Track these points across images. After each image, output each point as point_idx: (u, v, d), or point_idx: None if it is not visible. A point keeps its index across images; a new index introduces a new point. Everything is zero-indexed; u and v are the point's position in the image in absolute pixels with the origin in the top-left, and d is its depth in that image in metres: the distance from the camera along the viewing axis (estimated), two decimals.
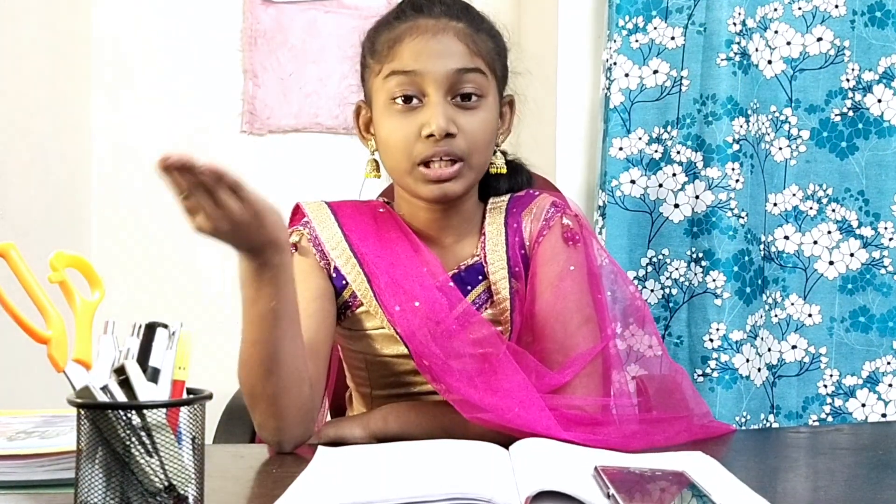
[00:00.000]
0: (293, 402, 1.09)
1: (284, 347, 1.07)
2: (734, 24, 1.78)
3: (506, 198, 1.30)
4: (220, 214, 0.97)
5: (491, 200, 1.30)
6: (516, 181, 1.33)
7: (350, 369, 1.33)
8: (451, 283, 1.21)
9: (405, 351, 1.19)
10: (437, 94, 1.17)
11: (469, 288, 1.24)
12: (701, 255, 1.78)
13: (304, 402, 1.11)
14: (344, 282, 1.23)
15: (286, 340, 1.07)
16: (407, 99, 1.18)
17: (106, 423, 0.73)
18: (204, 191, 0.95)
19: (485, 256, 1.25)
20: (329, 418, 1.38)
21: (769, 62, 1.84)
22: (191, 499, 0.76)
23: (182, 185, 0.96)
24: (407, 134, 1.18)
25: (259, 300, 1.05)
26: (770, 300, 1.84)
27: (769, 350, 1.84)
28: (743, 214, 1.78)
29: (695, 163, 1.80)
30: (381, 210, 1.29)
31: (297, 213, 1.30)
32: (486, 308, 1.24)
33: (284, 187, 2.29)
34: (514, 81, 1.32)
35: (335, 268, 1.24)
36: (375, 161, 1.26)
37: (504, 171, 1.28)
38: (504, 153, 1.30)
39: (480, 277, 1.25)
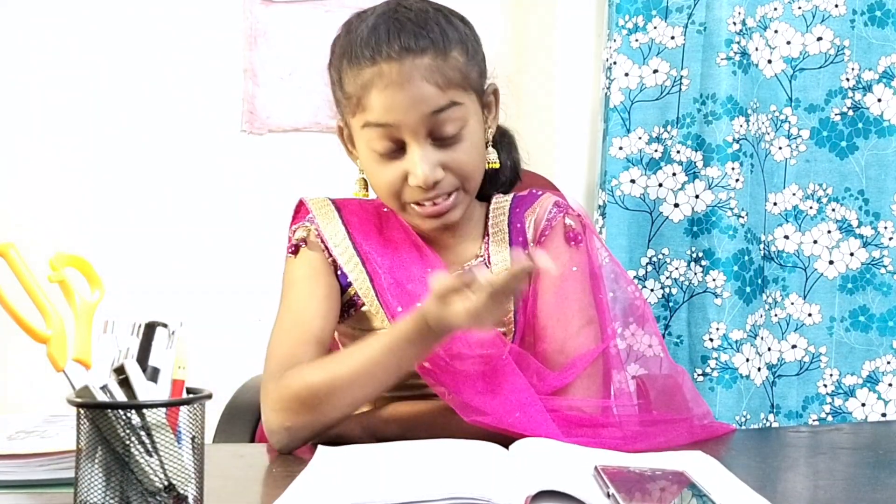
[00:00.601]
0: (337, 424, 1.14)
1: (381, 392, 1.15)
2: (734, 23, 1.78)
3: (509, 197, 1.30)
4: (499, 315, 1.12)
5: (494, 200, 1.30)
6: (506, 176, 1.32)
7: None
8: None
9: None
10: (415, 141, 1.15)
11: None
12: (701, 254, 1.78)
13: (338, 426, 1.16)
14: (348, 280, 1.23)
15: (388, 388, 1.15)
16: (386, 148, 1.17)
17: (105, 422, 0.73)
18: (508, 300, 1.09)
19: (488, 257, 1.25)
20: None
21: (769, 62, 1.84)
22: (190, 498, 0.76)
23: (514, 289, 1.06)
24: (392, 181, 1.18)
25: (408, 356, 1.10)
26: (770, 300, 1.84)
27: (769, 349, 1.84)
28: (743, 214, 1.78)
29: (695, 162, 1.80)
30: (385, 209, 1.28)
31: (301, 209, 1.30)
32: None
33: (284, 187, 2.29)
34: (515, 80, 1.31)
35: (339, 266, 1.24)
36: (364, 180, 1.26)
37: (497, 165, 1.26)
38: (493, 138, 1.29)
39: None
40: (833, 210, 1.85)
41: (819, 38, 1.83)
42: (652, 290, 1.84)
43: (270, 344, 1.20)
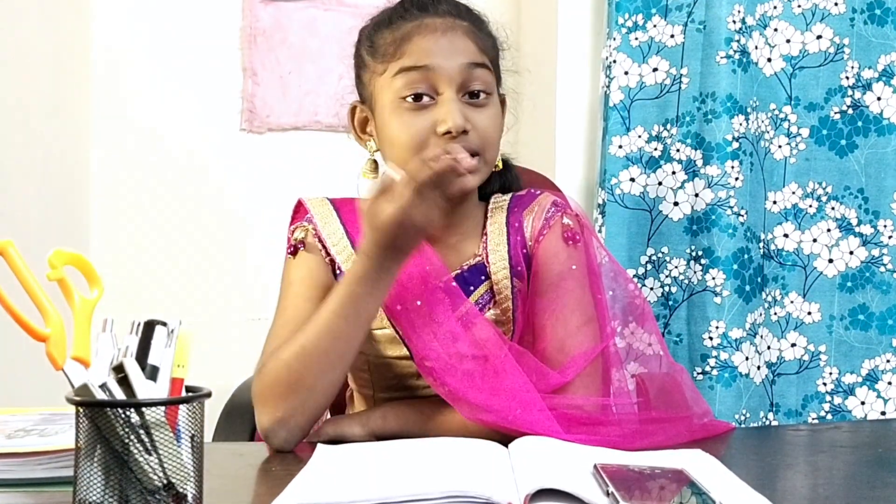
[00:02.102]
0: (329, 399, 1.14)
1: (354, 349, 1.13)
2: (734, 21, 1.78)
3: (507, 197, 1.30)
4: (433, 215, 1.07)
5: (493, 199, 1.30)
6: (506, 178, 1.32)
7: (353, 371, 1.32)
8: (454, 283, 1.21)
9: (408, 353, 1.19)
10: (449, 90, 1.17)
11: (472, 288, 1.23)
12: (700, 253, 1.78)
13: (329, 403, 1.15)
14: None
15: (358, 343, 1.13)
16: (417, 97, 1.18)
17: (105, 420, 0.73)
18: (434, 190, 1.06)
19: (487, 256, 1.25)
20: (329, 416, 1.37)
21: (769, 60, 1.84)
22: (189, 497, 0.76)
23: (437, 181, 1.05)
24: (418, 131, 1.18)
25: (365, 301, 1.10)
26: (769, 298, 1.84)
27: (769, 348, 1.84)
28: (742, 212, 1.78)
29: (694, 161, 1.80)
30: None
31: (300, 209, 1.29)
32: (489, 308, 1.23)
33: (284, 185, 2.29)
34: (514, 79, 1.32)
35: (338, 265, 1.24)
36: (374, 161, 1.26)
37: (501, 166, 1.28)
38: None
39: (483, 277, 1.24)
40: (833, 208, 1.85)
41: (819, 37, 1.83)
42: (651, 289, 1.84)
43: (264, 345, 1.20)
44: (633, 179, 1.84)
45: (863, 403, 1.85)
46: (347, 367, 1.15)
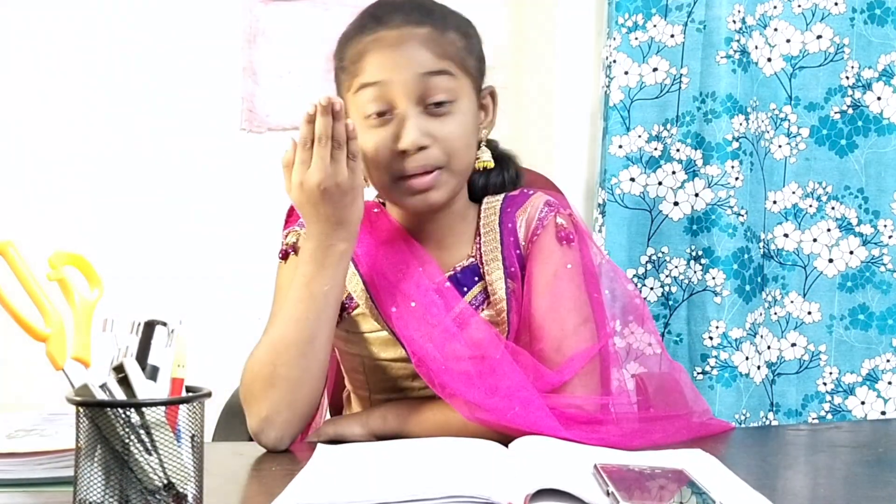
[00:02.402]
0: (310, 393, 1.13)
1: (323, 333, 1.13)
2: (734, 21, 1.78)
3: (500, 197, 1.30)
4: (332, 171, 1.08)
5: (485, 200, 1.29)
6: (505, 175, 1.32)
7: (348, 373, 1.32)
8: (448, 284, 1.21)
9: (403, 354, 1.18)
10: (406, 104, 1.16)
11: (465, 289, 1.23)
12: (700, 252, 1.78)
13: (316, 399, 1.15)
14: None
15: (326, 327, 1.13)
16: (379, 113, 1.17)
17: (105, 421, 0.73)
18: (326, 145, 1.08)
19: (480, 257, 1.24)
20: (328, 417, 1.37)
21: (769, 60, 1.84)
22: (190, 497, 0.76)
23: (320, 129, 1.07)
24: (379, 148, 1.17)
25: (316, 281, 1.11)
26: (770, 298, 1.84)
27: (769, 348, 1.84)
28: (742, 212, 1.78)
29: (694, 160, 1.80)
30: (376, 210, 1.28)
31: (293, 213, 1.30)
32: (483, 309, 1.23)
33: (283, 186, 2.28)
34: (515, 79, 1.31)
35: None
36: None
37: (491, 164, 1.26)
38: (495, 145, 1.30)
39: (476, 278, 1.24)
40: (833, 208, 1.85)
41: (819, 37, 1.83)
42: (651, 289, 1.84)
43: None
44: (633, 179, 1.84)
45: (863, 403, 1.85)
46: (321, 355, 1.13)
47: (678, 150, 1.81)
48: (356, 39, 1.20)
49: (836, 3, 1.82)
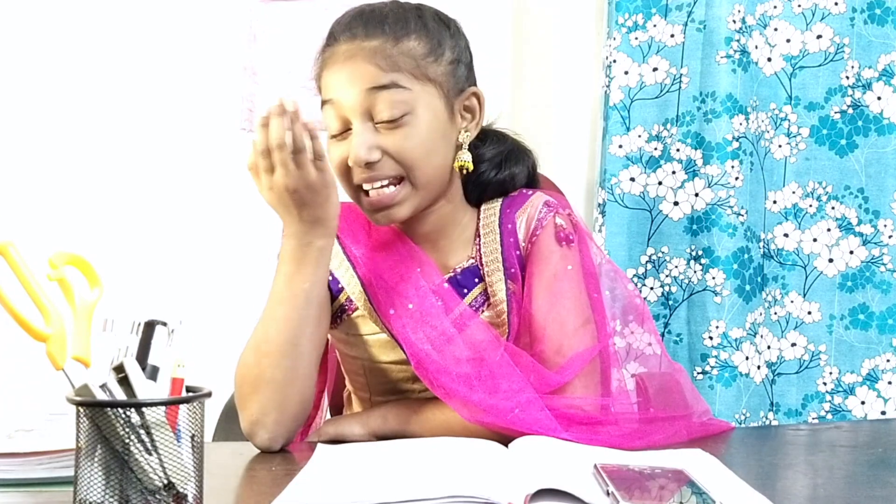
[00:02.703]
0: (299, 393, 1.12)
1: (306, 332, 1.11)
2: (734, 21, 1.78)
3: (500, 200, 1.30)
4: (298, 175, 1.06)
5: (485, 204, 1.29)
6: (527, 162, 1.31)
7: (349, 374, 1.32)
8: (447, 286, 1.21)
9: (403, 357, 1.18)
10: (355, 120, 1.16)
11: (465, 291, 1.23)
12: (700, 252, 1.78)
13: (307, 398, 1.14)
14: (339, 285, 1.23)
15: (310, 325, 1.12)
16: (340, 129, 1.18)
17: (105, 420, 0.73)
18: (286, 151, 1.05)
19: (480, 258, 1.24)
20: (329, 417, 1.37)
21: (769, 59, 1.84)
22: (190, 497, 0.76)
23: (276, 136, 1.05)
24: (339, 163, 1.18)
25: (296, 279, 1.10)
26: (770, 298, 1.84)
27: (769, 348, 1.84)
28: (742, 212, 1.78)
29: (694, 160, 1.80)
30: None
31: None
32: (483, 310, 1.23)
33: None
34: (515, 78, 1.31)
35: (330, 271, 1.23)
36: None
37: (470, 166, 1.23)
38: (510, 137, 1.29)
39: (476, 280, 1.24)
40: (833, 208, 1.85)
41: (819, 36, 1.83)
42: (652, 289, 1.84)
43: None
44: (633, 179, 1.84)
45: (863, 403, 1.85)
46: (307, 354, 1.12)
47: (678, 150, 1.81)
48: (319, 56, 1.22)
49: (836, 3, 1.82)
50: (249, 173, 1.11)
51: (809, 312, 1.85)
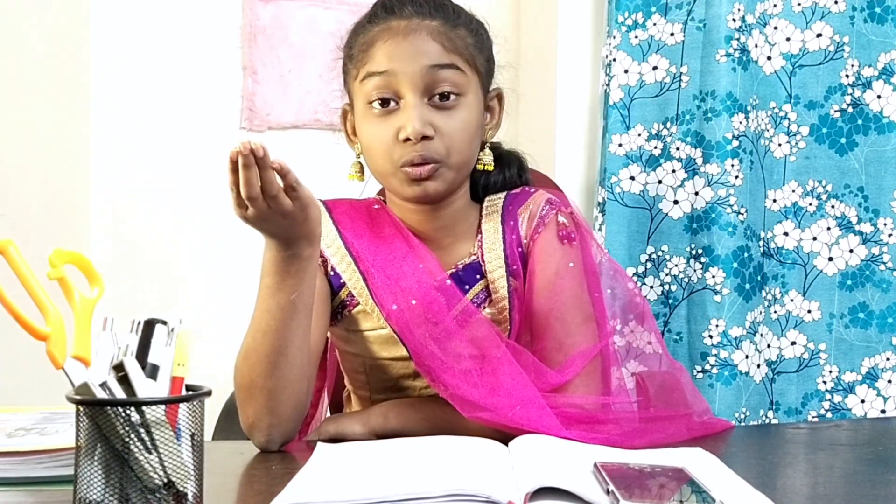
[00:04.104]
0: (291, 398, 1.11)
1: (295, 341, 1.09)
2: (733, 20, 1.78)
3: (502, 195, 1.30)
4: (272, 210, 1.01)
5: (487, 198, 1.30)
6: (506, 173, 1.32)
7: (348, 373, 1.32)
8: (450, 282, 1.21)
9: (404, 354, 1.18)
10: (412, 94, 1.16)
11: (467, 287, 1.23)
12: (700, 251, 1.78)
13: (301, 401, 1.13)
14: (341, 281, 1.23)
15: (298, 334, 1.09)
16: (384, 102, 1.18)
17: (105, 419, 0.73)
18: (260, 199, 1.00)
19: (482, 255, 1.24)
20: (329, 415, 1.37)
21: (768, 58, 1.84)
22: (190, 495, 0.76)
23: (248, 191, 0.99)
24: (385, 138, 1.18)
25: (281, 290, 1.07)
26: (769, 296, 1.84)
27: (768, 346, 1.84)
28: (742, 211, 1.78)
29: (694, 159, 1.80)
30: (377, 207, 1.28)
31: None
32: (485, 307, 1.23)
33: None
34: (513, 78, 1.31)
35: (332, 266, 1.23)
36: (360, 164, 1.26)
37: (491, 167, 1.26)
38: (497, 145, 1.30)
39: (478, 276, 1.24)
40: (832, 207, 1.85)
41: (819, 35, 1.83)
42: (651, 287, 1.84)
43: None
44: (633, 178, 1.84)
45: (862, 402, 1.85)
46: (297, 361, 1.10)
47: (678, 149, 1.81)
48: (366, 28, 1.21)
49: (835, 2, 1.82)
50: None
51: (809, 311, 1.85)
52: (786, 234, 1.85)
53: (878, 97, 1.84)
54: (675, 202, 1.81)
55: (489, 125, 1.27)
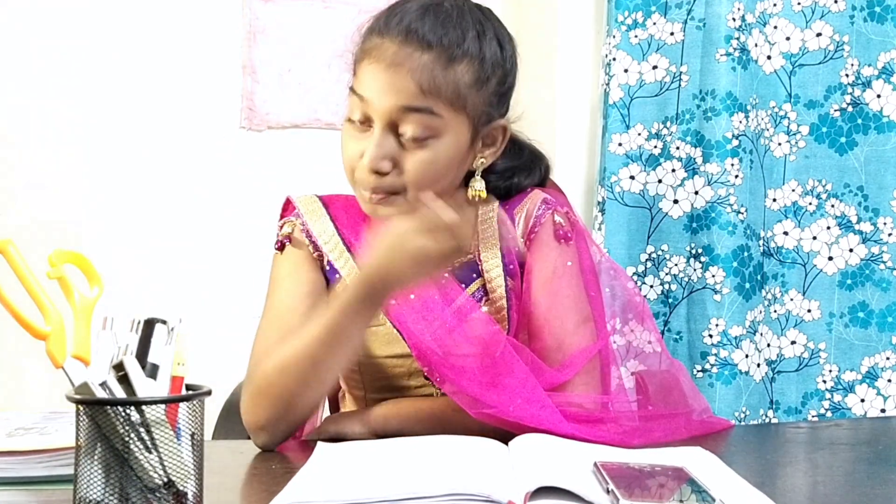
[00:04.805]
0: (311, 410, 1.16)
1: (336, 371, 1.15)
2: (733, 19, 1.78)
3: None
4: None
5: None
6: (539, 175, 1.31)
7: (342, 372, 1.32)
8: (447, 276, 1.20)
9: (400, 352, 1.19)
10: (378, 126, 1.13)
11: (463, 286, 1.23)
12: (700, 250, 1.78)
13: (314, 410, 1.15)
14: (337, 275, 1.23)
15: (341, 366, 1.15)
16: (361, 121, 1.16)
17: (105, 419, 0.73)
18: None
19: (479, 254, 1.24)
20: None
21: (768, 57, 1.84)
22: (190, 495, 0.76)
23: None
24: (353, 154, 1.17)
25: (349, 331, 1.07)
26: (769, 296, 1.84)
27: (768, 346, 1.84)
28: (742, 210, 1.78)
29: (694, 158, 1.80)
30: None
31: (288, 206, 1.30)
32: (482, 306, 1.23)
33: (283, 183, 2.28)
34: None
35: (328, 261, 1.23)
36: None
37: (483, 194, 1.23)
38: (525, 143, 1.30)
39: (475, 275, 1.24)
40: (832, 206, 1.85)
41: (818, 34, 1.83)
42: (651, 287, 1.84)
43: (254, 342, 1.20)
44: (632, 177, 1.84)
45: (862, 401, 1.85)
46: (331, 384, 1.16)
47: (678, 148, 1.81)
48: (367, 36, 1.18)
49: (835, 1, 1.82)
50: (415, 226, 1.03)
51: (809, 310, 1.85)
52: (786, 233, 1.85)
53: (878, 96, 1.84)
54: (675, 201, 1.81)
55: (484, 154, 1.22)
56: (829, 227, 1.85)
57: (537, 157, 1.33)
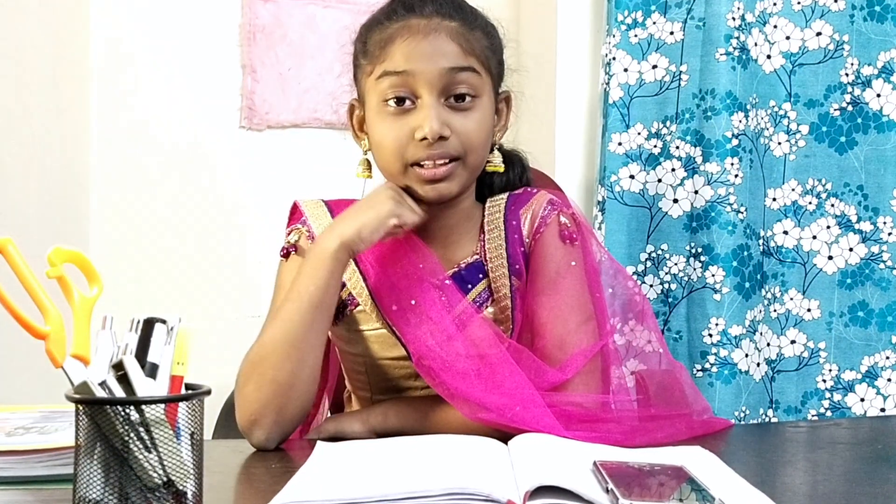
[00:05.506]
0: (300, 396, 1.13)
1: (317, 348, 1.15)
2: (733, 18, 1.78)
3: (504, 196, 1.30)
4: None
5: (490, 199, 1.30)
6: (512, 174, 1.32)
7: (349, 373, 1.32)
8: (450, 282, 1.21)
9: (404, 353, 1.18)
10: (429, 95, 1.16)
11: (469, 286, 1.23)
12: (700, 250, 1.78)
13: (306, 402, 1.15)
14: (342, 281, 1.23)
15: (319, 331, 1.15)
16: (399, 101, 1.17)
17: (104, 418, 0.73)
18: None
19: (485, 255, 1.25)
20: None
21: (768, 57, 1.84)
22: (189, 494, 0.76)
23: None
24: (399, 136, 1.17)
25: (330, 289, 1.14)
26: (769, 295, 1.84)
27: (768, 345, 1.84)
28: (742, 209, 1.78)
29: (694, 158, 1.80)
30: None
31: (296, 211, 1.30)
32: (488, 306, 1.23)
33: (283, 183, 2.29)
34: (512, 77, 1.31)
35: None
36: (368, 161, 1.26)
37: (501, 168, 1.27)
38: (499, 146, 1.30)
39: (481, 276, 1.24)
40: (832, 205, 1.85)
41: (818, 34, 1.83)
42: (651, 286, 1.84)
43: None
44: (632, 176, 1.84)
45: (862, 400, 1.85)
46: (310, 359, 1.14)
47: (678, 148, 1.81)
48: (384, 24, 1.20)
49: (835, 0, 1.82)
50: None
51: (809, 310, 1.85)
52: (785, 232, 1.85)
53: (878, 96, 1.84)
54: (675, 201, 1.81)
55: (498, 127, 1.27)
56: (828, 227, 1.85)
57: (511, 154, 1.33)
